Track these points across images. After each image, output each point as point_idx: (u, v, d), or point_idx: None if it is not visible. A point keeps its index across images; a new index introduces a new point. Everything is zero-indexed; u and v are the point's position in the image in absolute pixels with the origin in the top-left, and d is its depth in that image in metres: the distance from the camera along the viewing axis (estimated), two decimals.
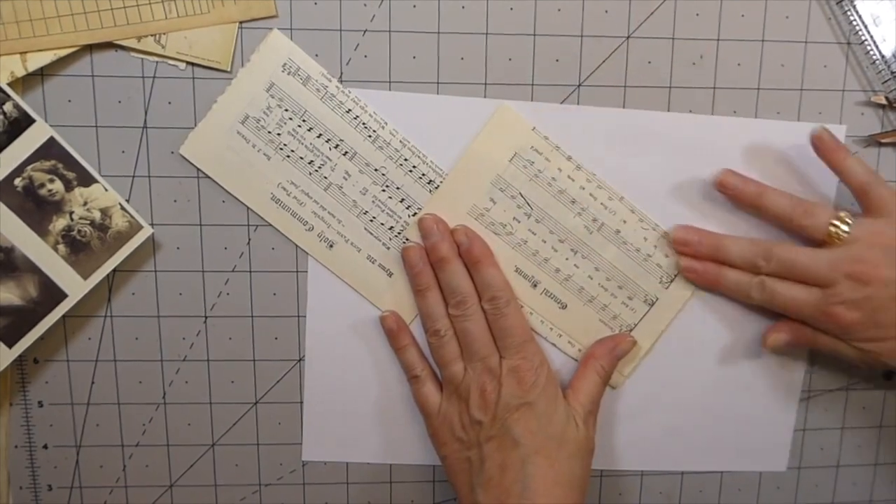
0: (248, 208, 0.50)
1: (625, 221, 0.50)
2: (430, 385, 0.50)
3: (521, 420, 0.46)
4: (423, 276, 0.49)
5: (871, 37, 0.49)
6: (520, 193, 0.49)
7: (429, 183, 0.50)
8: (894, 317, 0.45)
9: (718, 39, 0.49)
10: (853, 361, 0.49)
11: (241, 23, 0.47)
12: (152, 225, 0.49)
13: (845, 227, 0.46)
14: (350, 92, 0.48)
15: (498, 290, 0.48)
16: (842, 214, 0.46)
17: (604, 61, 0.49)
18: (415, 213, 0.50)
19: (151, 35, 0.46)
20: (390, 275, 0.51)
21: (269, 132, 0.48)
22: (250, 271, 0.51)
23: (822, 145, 0.48)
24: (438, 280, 0.49)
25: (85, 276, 0.48)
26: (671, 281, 0.51)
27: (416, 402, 0.51)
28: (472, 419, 0.48)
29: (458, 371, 0.49)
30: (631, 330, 0.52)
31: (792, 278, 0.47)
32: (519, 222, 0.49)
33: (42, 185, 0.47)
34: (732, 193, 0.49)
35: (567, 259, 0.50)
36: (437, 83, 0.49)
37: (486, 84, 0.49)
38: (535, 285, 0.50)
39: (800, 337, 0.49)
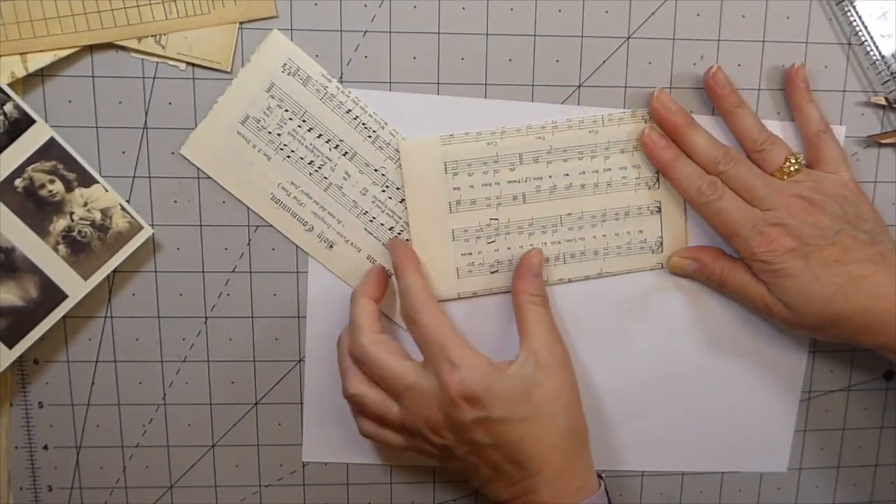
0: (248, 209, 0.50)
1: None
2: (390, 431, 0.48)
3: (483, 429, 0.44)
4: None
5: (872, 37, 0.49)
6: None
7: None
8: (821, 260, 0.46)
9: (719, 40, 0.49)
10: (750, 304, 0.50)
11: (241, 23, 0.47)
12: (152, 225, 0.49)
13: (797, 167, 0.47)
14: (350, 92, 0.48)
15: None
16: (798, 155, 0.48)
17: (604, 62, 0.49)
18: None
19: (152, 36, 0.46)
20: (390, 275, 0.51)
21: (270, 132, 0.48)
22: (250, 272, 0.51)
23: (793, 81, 0.49)
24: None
25: (85, 277, 0.48)
26: None
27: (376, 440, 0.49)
28: (436, 444, 0.46)
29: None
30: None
31: (739, 193, 0.48)
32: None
33: (42, 186, 0.47)
34: (719, 94, 0.48)
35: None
36: (438, 83, 0.49)
37: (486, 84, 0.49)
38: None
39: (707, 269, 0.50)
